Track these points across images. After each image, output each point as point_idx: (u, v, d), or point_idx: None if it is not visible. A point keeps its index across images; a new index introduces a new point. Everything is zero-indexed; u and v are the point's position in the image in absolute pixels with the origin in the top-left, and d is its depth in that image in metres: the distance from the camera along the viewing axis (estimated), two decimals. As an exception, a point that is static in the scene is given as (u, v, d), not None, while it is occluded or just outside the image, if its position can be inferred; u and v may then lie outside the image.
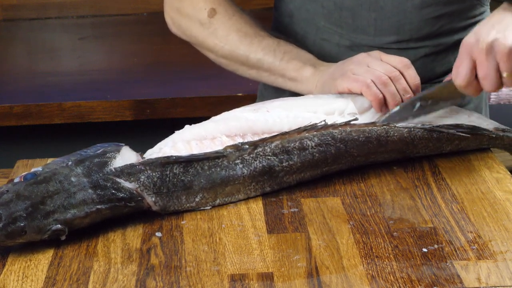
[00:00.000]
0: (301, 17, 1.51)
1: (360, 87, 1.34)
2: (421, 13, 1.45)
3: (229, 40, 1.49)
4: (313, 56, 1.46)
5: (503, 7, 1.31)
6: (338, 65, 1.41)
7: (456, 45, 1.48)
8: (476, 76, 1.29)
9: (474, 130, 1.37)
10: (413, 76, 1.36)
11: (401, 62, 1.36)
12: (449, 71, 1.49)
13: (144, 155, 1.26)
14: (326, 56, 1.49)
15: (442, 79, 1.47)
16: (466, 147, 1.39)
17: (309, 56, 1.46)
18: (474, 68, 1.29)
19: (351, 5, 1.46)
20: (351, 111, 1.36)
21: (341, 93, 1.37)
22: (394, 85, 1.35)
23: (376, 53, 1.38)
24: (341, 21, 1.47)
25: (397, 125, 1.33)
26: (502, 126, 1.41)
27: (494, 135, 1.39)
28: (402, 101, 1.36)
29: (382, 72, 1.35)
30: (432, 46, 1.48)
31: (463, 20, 1.49)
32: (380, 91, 1.34)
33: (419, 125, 1.34)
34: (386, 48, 1.46)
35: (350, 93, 1.36)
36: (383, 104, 1.35)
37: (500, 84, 1.28)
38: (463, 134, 1.36)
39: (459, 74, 1.30)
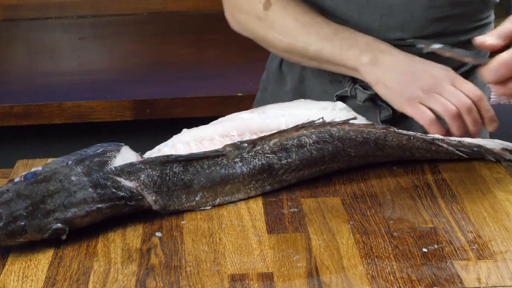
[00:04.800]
0: None
1: (424, 122, 1.35)
2: (427, 13, 1.45)
3: (287, 32, 1.47)
4: (373, 39, 1.43)
5: None
6: (408, 79, 1.37)
7: (460, 45, 1.48)
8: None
9: (476, 153, 1.36)
10: (487, 109, 1.34)
11: (475, 93, 1.34)
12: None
13: (144, 156, 1.26)
14: None
15: None
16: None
17: (368, 40, 1.42)
18: (509, 79, 1.23)
19: (358, 0, 1.46)
20: (342, 106, 1.36)
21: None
22: (463, 117, 1.33)
23: (449, 76, 1.36)
24: (347, 15, 1.47)
25: (396, 131, 1.33)
26: (510, 146, 1.39)
27: (494, 161, 1.37)
28: (469, 132, 1.34)
29: (454, 104, 1.33)
30: None
31: (469, 23, 1.49)
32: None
33: (419, 135, 1.34)
34: None
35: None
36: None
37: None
38: (463, 155, 1.35)
39: (492, 75, 1.23)
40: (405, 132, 1.33)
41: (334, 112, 1.35)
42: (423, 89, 1.36)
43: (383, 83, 1.39)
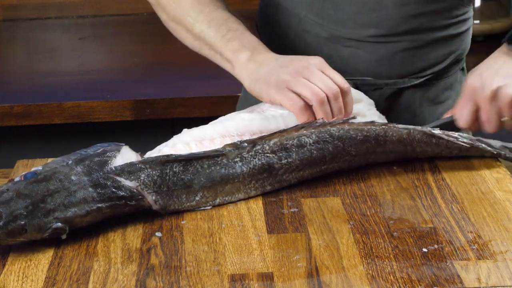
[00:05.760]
0: (285, 6, 1.51)
1: (293, 109, 1.32)
2: (401, 10, 1.45)
3: (182, 3, 1.47)
4: (257, 40, 1.43)
5: (504, 51, 1.37)
6: (275, 67, 1.36)
7: (437, 41, 1.48)
8: (477, 118, 1.37)
9: (476, 142, 1.37)
10: (349, 103, 1.34)
11: (343, 83, 1.33)
12: (429, 66, 1.50)
13: (144, 156, 1.26)
14: (307, 47, 1.49)
15: (422, 74, 1.49)
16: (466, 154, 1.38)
17: (253, 40, 1.42)
18: (476, 111, 1.36)
19: None
20: None
21: (272, 103, 1.34)
22: (330, 104, 1.32)
23: (318, 63, 1.35)
24: (323, 12, 1.48)
25: (396, 126, 1.33)
26: (510, 145, 1.40)
27: (495, 152, 1.38)
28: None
29: (321, 89, 1.31)
30: (412, 41, 1.48)
31: (445, 19, 1.48)
32: (312, 109, 1.32)
33: (418, 128, 1.34)
34: (364, 41, 1.46)
35: (281, 105, 1.33)
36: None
37: (500, 126, 1.37)
38: (464, 144, 1.36)
39: (462, 117, 1.38)
40: (404, 126, 1.33)
41: None
42: (291, 74, 1.33)
43: (252, 78, 1.38)
